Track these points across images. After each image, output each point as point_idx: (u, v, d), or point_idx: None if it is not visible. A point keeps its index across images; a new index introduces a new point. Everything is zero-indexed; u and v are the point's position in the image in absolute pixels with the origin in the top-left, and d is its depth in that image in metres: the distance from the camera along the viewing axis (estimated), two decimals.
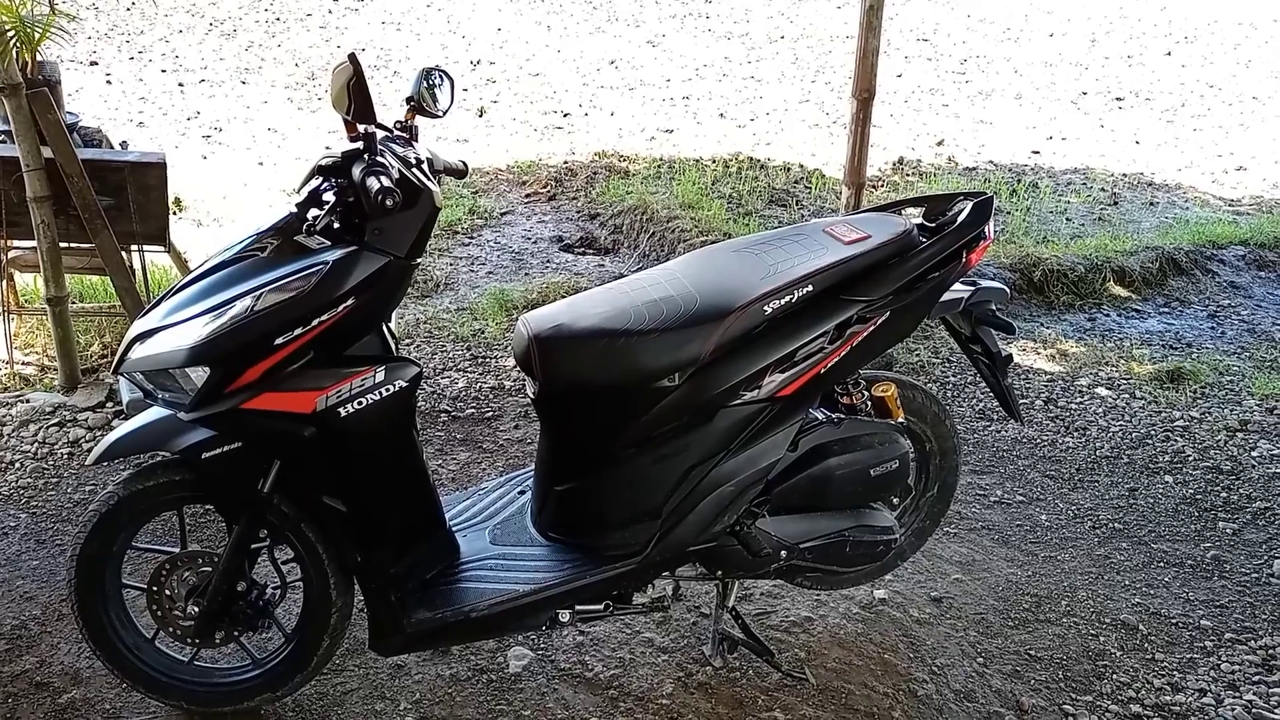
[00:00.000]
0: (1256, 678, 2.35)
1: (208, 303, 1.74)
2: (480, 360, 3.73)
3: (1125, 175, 6.56)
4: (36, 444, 3.08)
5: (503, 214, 5.44)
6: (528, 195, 5.71)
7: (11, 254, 3.58)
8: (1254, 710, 2.24)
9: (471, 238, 5.12)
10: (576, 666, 2.27)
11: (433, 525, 2.02)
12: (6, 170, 3.27)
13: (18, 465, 2.98)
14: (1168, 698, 2.28)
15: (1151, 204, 6.03)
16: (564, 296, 2.82)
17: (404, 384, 1.84)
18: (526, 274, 4.64)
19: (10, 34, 2.93)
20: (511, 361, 3.66)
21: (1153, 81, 9.12)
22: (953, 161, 6.59)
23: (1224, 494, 3.12)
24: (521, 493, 2.25)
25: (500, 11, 10.98)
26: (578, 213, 5.42)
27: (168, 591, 1.99)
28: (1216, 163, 6.93)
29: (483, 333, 3.93)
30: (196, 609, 1.96)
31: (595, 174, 5.85)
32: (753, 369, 1.93)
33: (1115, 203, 6.00)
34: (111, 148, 4.11)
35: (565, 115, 7.46)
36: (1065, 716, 2.21)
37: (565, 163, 6.15)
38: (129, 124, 6.78)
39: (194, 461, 1.83)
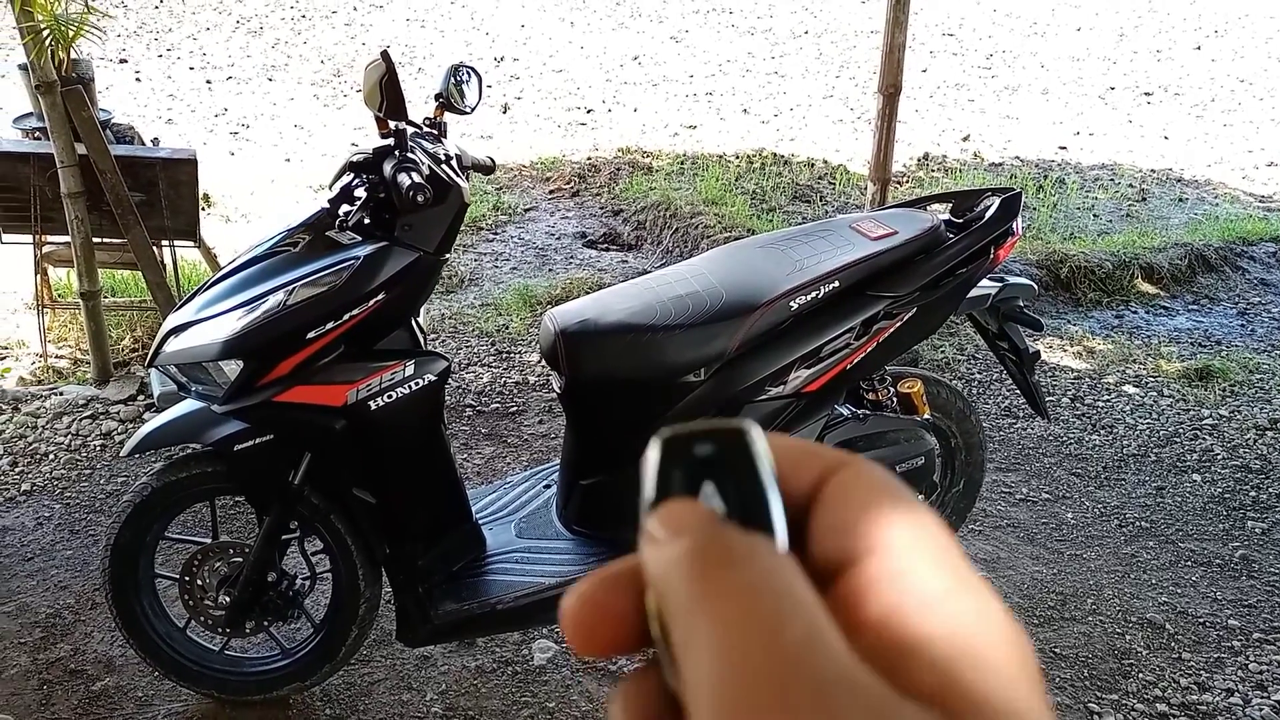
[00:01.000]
0: None
1: (241, 297, 1.77)
2: (505, 355, 3.75)
3: (1154, 171, 6.49)
4: (70, 436, 3.13)
5: (527, 210, 5.46)
6: (551, 191, 5.73)
7: (46, 249, 3.64)
8: None
9: (496, 234, 5.14)
10: (600, 659, 2.28)
11: (460, 518, 2.04)
12: (41, 167, 3.32)
13: (51, 457, 3.04)
14: (1194, 697, 2.26)
15: (1180, 200, 5.96)
16: (587, 292, 2.84)
17: (433, 378, 1.86)
18: (550, 270, 4.66)
19: (46, 32, 2.97)
20: (536, 356, 3.68)
21: (1182, 76, 9.01)
22: (979, 157, 6.55)
23: (1253, 493, 3.09)
24: (547, 487, 2.27)
25: (524, 8, 11.00)
26: (601, 209, 5.43)
27: (199, 581, 2.02)
28: (1246, 158, 6.84)
29: (507, 328, 3.95)
30: (227, 599, 1.99)
31: (618, 170, 5.86)
32: (778, 365, 1.94)
33: (1143, 199, 5.93)
34: (143, 144, 4.16)
35: (589, 111, 7.47)
36: (1091, 715, 2.20)
37: (589, 159, 6.16)
38: (158, 121, 6.85)
39: (226, 453, 1.86)
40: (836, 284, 1.95)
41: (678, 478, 0.26)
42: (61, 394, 3.33)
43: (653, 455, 0.27)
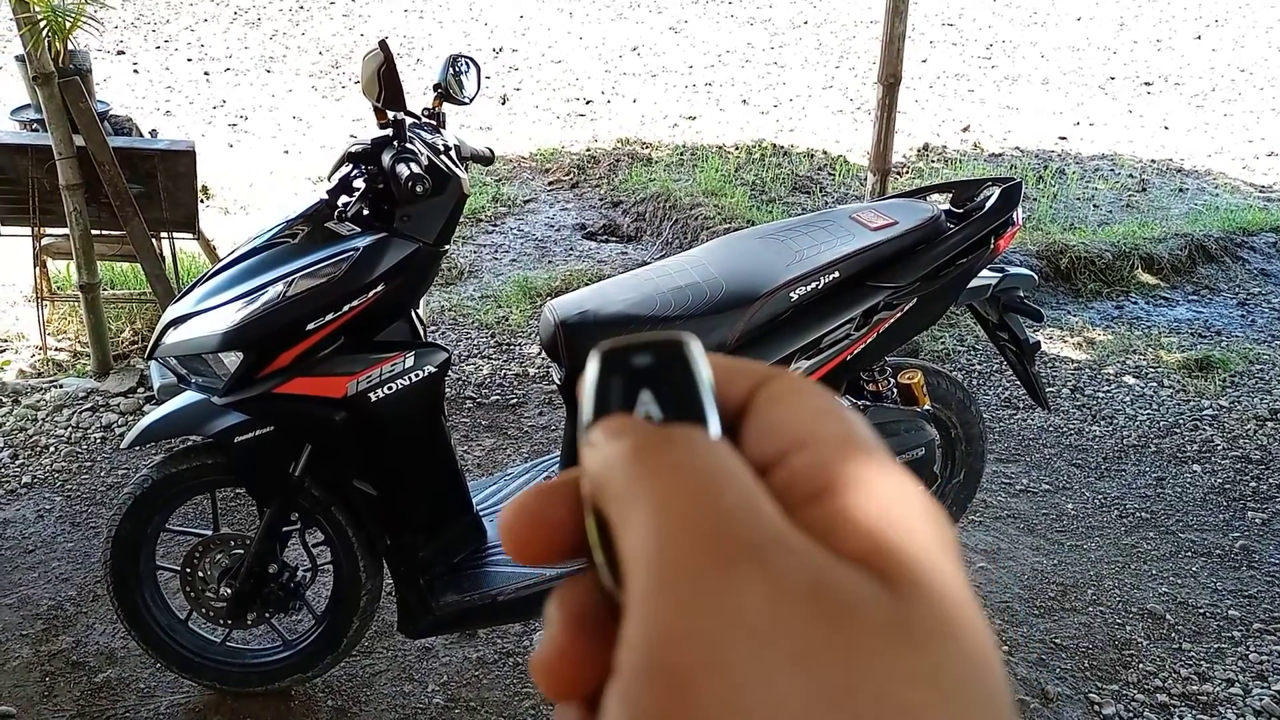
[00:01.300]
0: None
1: (240, 288, 1.76)
2: (505, 347, 3.75)
3: (1154, 161, 6.48)
4: (70, 429, 3.13)
5: (526, 202, 5.45)
6: (551, 183, 5.72)
7: (44, 241, 3.63)
8: None
9: (495, 225, 5.13)
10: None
11: (461, 509, 2.04)
12: (39, 158, 3.31)
13: (52, 450, 3.04)
14: (1195, 687, 2.26)
15: (1180, 190, 5.95)
16: (587, 284, 2.83)
17: (433, 369, 1.86)
18: (550, 261, 4.65)
19: (42, 23, 2.96)
20: (536, 348, 3.67)
21: (1182, 66, 8.99)
22: (978, 148, 6.53)
23: (1253, 483, 3.09)
24: (548, 478, 2.26)
25: None
26: (600, 200, 5.42)
27: (200, 573, 2.02)
28: (1247, 148, 6.82)
29: (507, 320, 3.94)
30: (229, 591, 1.99)
31: (618, 161, 5.85)
32: (778, 356, 1.94)
33: (1144, 189, 5.92)
34: (141, 136, 4.15)
35: (588, 103, 7.45)
36: (1091, 705, 2.20)
37: (588, 150, 6.15)
38: (156, 113, 6.83)
39: (226, 445, 1.86)
40: (836, 274, 1.94)
41: (616, 387, 0.26)
42: (61, 387, 3.32)
43: (592, 367, 0.27)
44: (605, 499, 0.24)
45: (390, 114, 1.79)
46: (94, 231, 3.35)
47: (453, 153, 1.90)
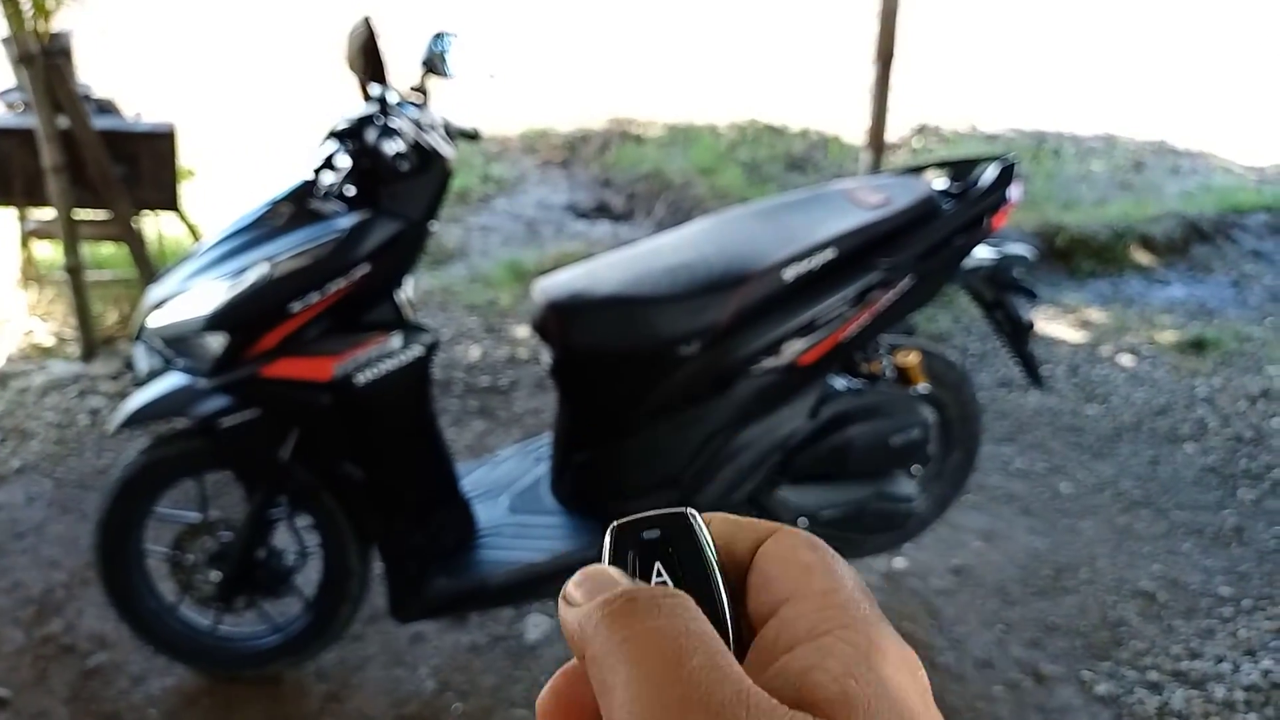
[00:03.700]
0: (1274, 644, 2.34)
1: (224, 269, 1.74)
2: (494, 330, 3.72)
3: (1149, 141, 6.45)
4: (58, 413, 3.10)
5: (515, 181, 5.40)
6: (541, 162, 5.67)
7: (29, 224, 3.59)
8: (1271, 677, 2.22)
9: (484, 205, 5.09)
10: None
11: (450, 493, 2.02)
12: (23, 140, 3.26)
13: (40, 434, 3.01)
14: (1185, 664, 2.27)
15: (1175, 170, 5.93)
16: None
17: (420, 352, 1.83)
18: (540, 242, 4.62)
19: (26, 4, 2.91)
20: (526, 331, 3.65)
21: (1179, 45, 8.94)
22: (974, 127, 6.50)
23: (1245, 462, 3.09)
24: (538, 461, 2.25)
25: None
26: (592, 179, 5.38)
27: (190, 558, 2.00)
28: (1241, 129, 6.80)
29: (496, 302, 3.91)
30: (218, 575, 1.98)
31: (609, 140, 5.80)
32: (772, 336, 1.92)
33: (1139, 169, 5.90)
34: (124, 117, 4.10)
35: (578, 80, 7.39)
36: (1083, 684, 2.21)
37: (578, 129, 6.09)
38: (140, 92, 6.75)
39: (213, 429, 1.83)
40: (831, 253, 1.92)
41: (631, 563, 0.30)
42: (48, 370, 3.29)
43: (606, 543, 0.31)
44: (587, 660, 0.27)
45: (374, 90, 1.76)
46: (79, 213, 3.30)
47: (438, 129, 1.87)
